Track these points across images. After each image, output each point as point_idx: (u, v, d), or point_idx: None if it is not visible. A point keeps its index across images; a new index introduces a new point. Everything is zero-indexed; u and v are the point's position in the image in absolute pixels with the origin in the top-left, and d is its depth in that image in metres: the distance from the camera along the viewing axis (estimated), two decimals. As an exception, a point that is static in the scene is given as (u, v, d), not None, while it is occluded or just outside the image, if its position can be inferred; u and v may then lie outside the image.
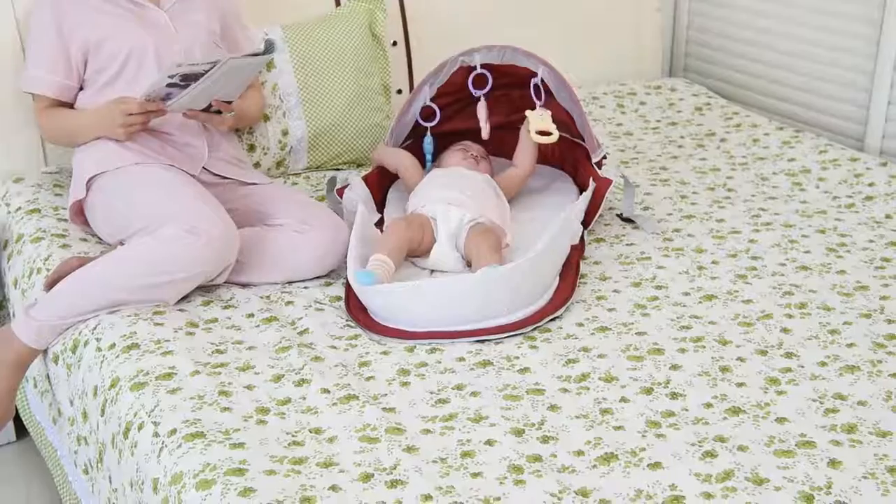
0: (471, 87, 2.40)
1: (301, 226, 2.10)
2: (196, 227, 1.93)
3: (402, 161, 2.39)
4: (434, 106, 2.41)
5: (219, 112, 2.17)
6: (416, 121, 2.44)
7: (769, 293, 2.02)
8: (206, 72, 1.99)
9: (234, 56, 2.05)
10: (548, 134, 2.26)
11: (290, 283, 2.09)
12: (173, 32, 2.22)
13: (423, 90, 2.40)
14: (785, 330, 1.88)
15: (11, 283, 2.25)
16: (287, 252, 2.07)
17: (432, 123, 2.43)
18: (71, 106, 2.25)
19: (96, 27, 2.18)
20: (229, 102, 2.17)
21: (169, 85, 2.02)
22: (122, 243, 2.07)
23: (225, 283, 2.06)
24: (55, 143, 2.35)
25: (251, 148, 2.55)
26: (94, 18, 2.18)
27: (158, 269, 1.91)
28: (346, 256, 2.06)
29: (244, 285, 2.07)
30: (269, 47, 2.08)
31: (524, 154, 2.37)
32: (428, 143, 2.45)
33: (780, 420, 1.62)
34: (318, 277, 2.11)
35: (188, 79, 2.00)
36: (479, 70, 2.37)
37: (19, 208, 2.34)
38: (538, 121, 2.27)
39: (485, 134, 2.38)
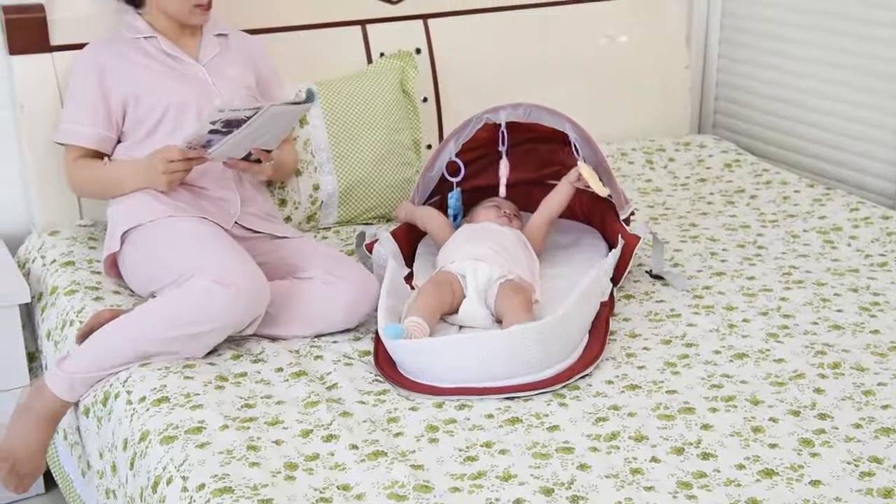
0: (500, 143, 2.41)
1: (330, 278, 2.11)
2: (225, 279, 1.94)
3: (430, 220, 2.40)
4: (459, 161, 2.43)
5: (258, 161, 2.19)
6: (443, 176, 2.46)
7: (801, 352, 2.00)
8: (248, 118, 2.02)
9: (275, 103, 2.07)
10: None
11: (319, 337, 2.09)
12: (212, 87, 2.26)
13: (448, 146, 2.43)
14: (818, 390, 1.86)
15: (44, 336, 2.27)
16: (316, 304, 2.08)
17: (457, 179, 2.45)
18: (103, 157, 2.28)
19: (137, 81, 2.23)
20: (269, 151, 2.20)
21: (211, 132, 2.04)
22: (153, 296, 2.09)
23: (255, 336, 2.07)
24: (84, 195, 2.38)
25: (282, 202, 2.58)
26: (134, 72, 2.23)
27: (188, 321, 1.92)
28: (375, 309, 2.07)
29: (273, 339, 2.08)
30: (311, 96, 2.11)
31: (552, 202, 2.37)
32: (453, 197, 2.47)
33: (815, 483, 1.59)
34: (347, 331, 2.12)
35: (230, 125, 2.03)
36: (502, 128, 2.38)
37: (54, 261, 2.37)
38: (592, 171, 2.29)
39: (501, 192, 2.41)
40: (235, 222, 2.25)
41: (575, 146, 2.33)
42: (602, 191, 2.30)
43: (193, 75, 2.27)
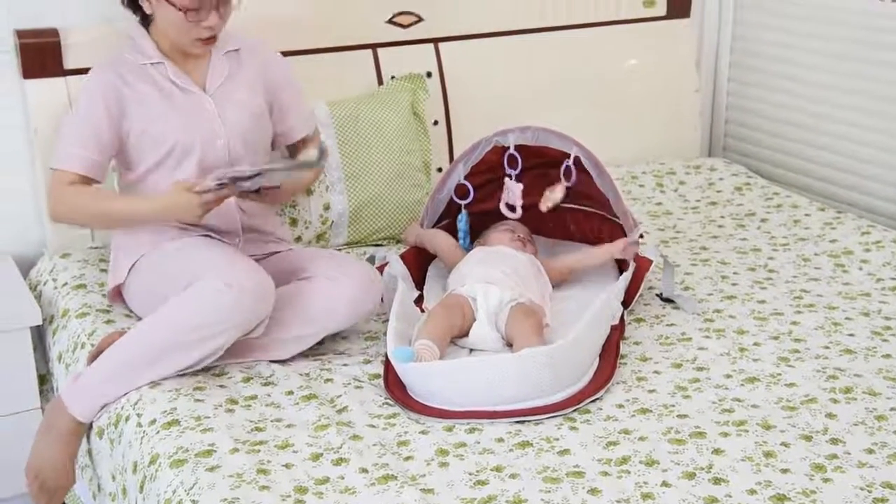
0: (506, 166, 2.43)
1: (333, 275, 2.11)
2: (228, 280, 1.94)
3: (440, 242, 2.41)
4: (468, 184, 2.44)
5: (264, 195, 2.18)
6: (451, 199, 2.46)
7: (813, 377, 1.99)
8: (257, 173, 2.04)
9: (283, 167, 2.10)
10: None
11: (330, 360, 2.09)
12: (218, 121, 2.20)
13: (457, 168, 2.44)
14: (830, 415, 1.85)
15: (56, 358, 2.27)
16: (320, 302, 2.08)
17: (466, 201, 2.46)
18: (91, 184, 2.17)
19: (142, 115, 2.16)
20: (277, 187, 2.18)
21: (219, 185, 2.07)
22: None
23: (265, 360, 2.07)
24: (71, 223, 2.24)
25: (293, 222, 2.59)
26: (141, 103, 2.16)
27: (197, 323, 1.92)
28: (380, 304, 2.09)
29: (284, 362, 2.08)
30: (322, 155, 2.08)
31: (587, 260, 2.38)
32: (462, 220, 2.47)
33: (827, 509, 1.58)
34: (357, 354, 2.11)
35: (237, 180, 2.06)
36: (511, 151, 2.40)
37: (65, 283, 2.38)
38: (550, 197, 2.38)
39: (505, 212, 2.42)
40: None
41: (567, 170, 2.34)
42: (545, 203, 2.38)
43: (199, 106, 2.20)
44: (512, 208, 2.43)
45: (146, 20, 2.21)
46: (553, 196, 2.37)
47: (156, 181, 2.18)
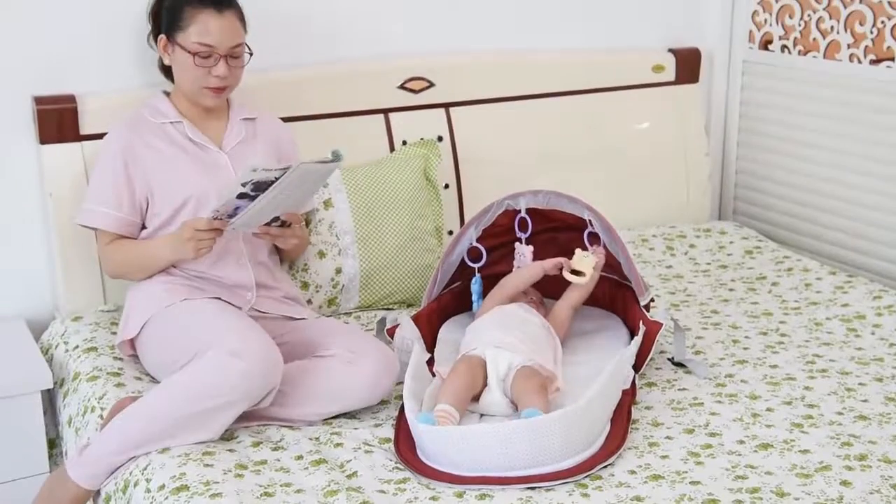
0: (517, 229, 2.44)
1: (350, 355, 2.11)
2: (237, 350, 1.94)
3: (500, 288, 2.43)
4: (481, 247, 2.45)
5: (289, 225, 2.19)
6: (464, 261, 2.47)
7: (827, 443, 1.97)
8: (277, 178, 1.99)
9: (304, 161, 2.05)
10: (580, 274, 2.35)
11: (340, 424, 2.08)
12: (232, 176, 2.26)
13: (467, 232, 2.46)
14: (845, 483, 1.83)
15: (66, 422, 2.27)
16: (338, 382, 2.08)
17: (479, 264, 2.47)
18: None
19: (160, 172, 2.24)
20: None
21: (240, 195, 2.02)
22: None
23: (275, 424, 2.06)
24: (124, 277, 2.31)
25: (304, 285, 2.59)
26: (158, 161, 2.25)
27: (204, 394, 1.92)
28: (395, 385, 2.07)
29: (294, 422, 2.07)
30: (337, 156, 2.07)
31: (568, 296, 2.39)
32: (476, 283, 2.48)
33: (844, 579, 1.56)
34: (367, 417, 2.11)
35: (259, 188, 2.01)
36: (522, 214, 2.41)
37: (77, 346, 2.38)
38: (578, 260, 2.35)
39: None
40: (252, 307, 2.26)
41: (591, 236, 2.35)
42: (577, 279, 2.35)
43: (214, 162, 2.28)
44: None
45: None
46: (580, 262, 2.38)
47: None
